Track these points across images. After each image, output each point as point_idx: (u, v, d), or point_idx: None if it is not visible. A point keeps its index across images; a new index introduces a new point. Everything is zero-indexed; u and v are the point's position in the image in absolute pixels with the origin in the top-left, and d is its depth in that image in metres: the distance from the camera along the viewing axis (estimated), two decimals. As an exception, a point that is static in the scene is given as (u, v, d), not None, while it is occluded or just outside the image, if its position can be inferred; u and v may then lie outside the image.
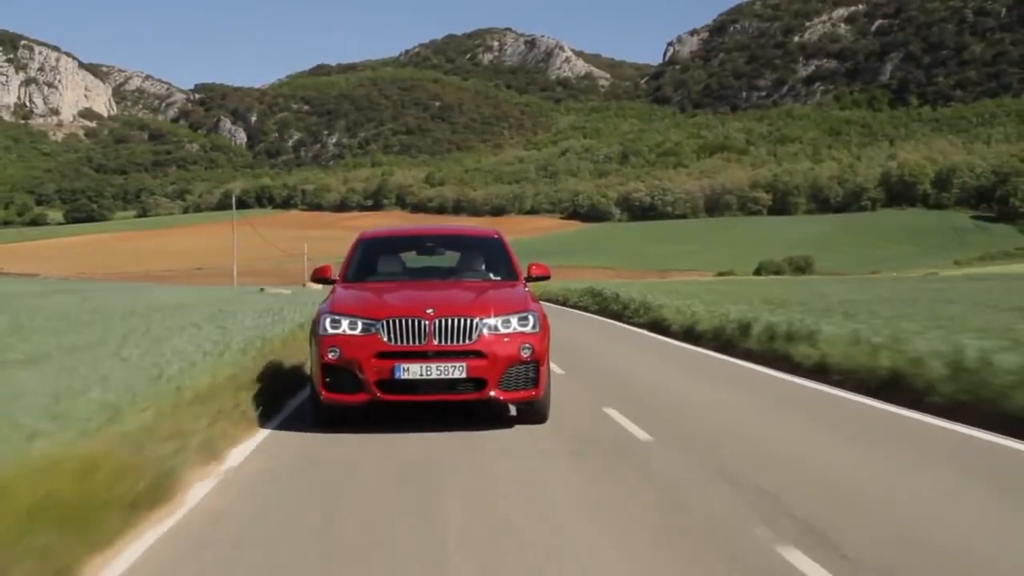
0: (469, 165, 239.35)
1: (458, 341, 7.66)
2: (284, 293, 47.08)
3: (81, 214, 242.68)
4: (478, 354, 7.66)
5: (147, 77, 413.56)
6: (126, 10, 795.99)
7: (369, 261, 9.57)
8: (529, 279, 9.15)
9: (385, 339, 7.61)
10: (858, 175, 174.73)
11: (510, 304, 8.14)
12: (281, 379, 10.02)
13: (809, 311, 18.70)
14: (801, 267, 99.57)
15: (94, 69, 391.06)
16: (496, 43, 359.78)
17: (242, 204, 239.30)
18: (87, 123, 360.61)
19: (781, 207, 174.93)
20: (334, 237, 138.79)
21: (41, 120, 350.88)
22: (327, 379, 7.76)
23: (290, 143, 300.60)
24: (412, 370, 7.58)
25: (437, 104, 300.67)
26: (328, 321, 7.88)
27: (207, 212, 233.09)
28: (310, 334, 8.56)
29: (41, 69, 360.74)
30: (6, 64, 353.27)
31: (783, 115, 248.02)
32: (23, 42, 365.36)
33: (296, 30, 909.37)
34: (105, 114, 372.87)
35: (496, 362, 7.68)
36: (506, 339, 7.78)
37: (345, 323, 7.80)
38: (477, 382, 7.70)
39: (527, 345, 7.82)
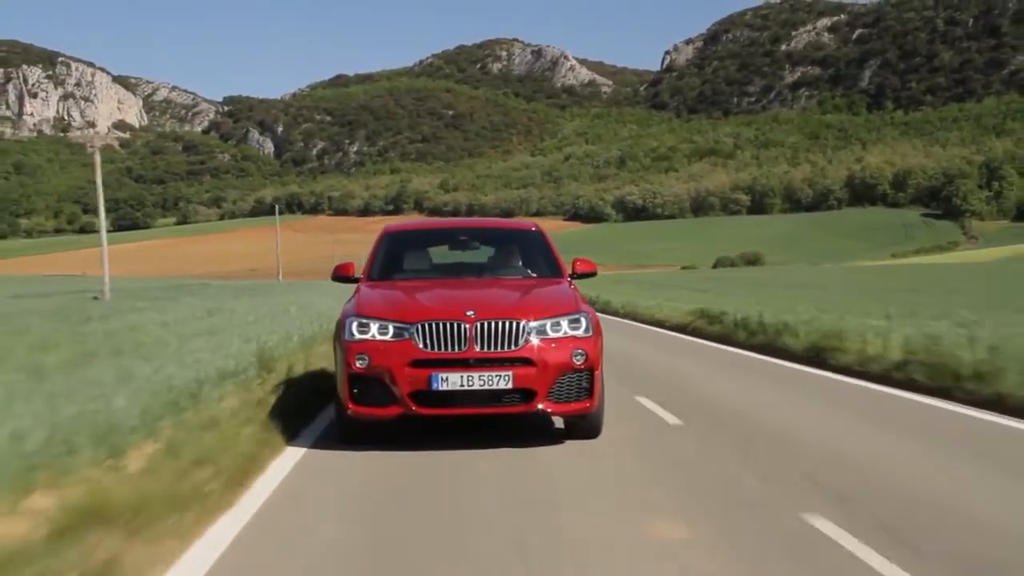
0: (480, 171, 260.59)
1: (503, 347, 6.94)
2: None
3: (126, 221, 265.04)
4: (526, 361, 6.94)
5: (173, 88, 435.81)
6: (153, 22, 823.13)
7: (395, 257, 8.84)
8: (574, 276, 8.41)
9: (420, 345, 6.92)
10: (827, 177, 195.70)
11: (559, 305, 7.41)
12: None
13: (667, 289, 40.73)
14: (752, 261, 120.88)
15: (124, 81, 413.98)
16: (504, 53, 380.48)
17: (273, 210, 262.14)
18: (121, 134, 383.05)
19: (758, 207, 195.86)
20: (361, 240, 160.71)
21: (79, 133, 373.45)
22: (355, 390, 7.07)
23: (314, 152, 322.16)
24: (451, 380, 6.85)
25: (450, 113, 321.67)
26: (355, 325, 7.17)
27: (242, 218, 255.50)
28: (334, 339, 7.87)
29: (78, 84, 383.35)
30: (46, 80, 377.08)
31: (770, 120, 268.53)
32: (60, 59, 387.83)
33: (316, 41, 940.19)
34: (137, 125, 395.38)
35: (546, 370, 6.95)
36: (556, 344, 7.05)
37: (374, 327, 7.09)
38: (524, 393, 6.98)
39: (580, 351, 7.06)
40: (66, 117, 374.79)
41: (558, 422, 7.95)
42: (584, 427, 7.61)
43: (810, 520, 5.05)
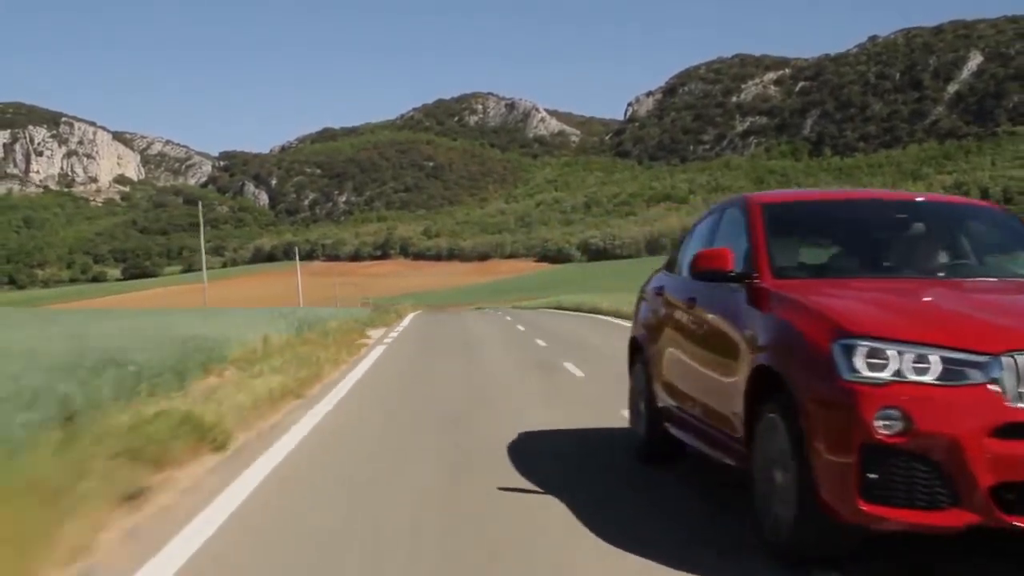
0: (460, 218, 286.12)
1: None
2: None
3: (136, 270, 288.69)
4: None
5: (167, 142, 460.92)
6: (147, 78, 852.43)
7: (791, 245, 5.39)
8: None
9: (1009, 397, 3.57)
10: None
11: None
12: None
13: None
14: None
15: (122, 137, 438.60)
16: (480, 106, 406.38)
17: (271, 257, 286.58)
18: (121, 188, 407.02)
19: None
20: (354, 283, 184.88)
21: (82, 188, 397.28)
22: (869, 474, 3.63)
23: (306, 202, 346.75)
24: None
25: (431, 164, 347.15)
26: (863, 354, 3.73)
27: (243, 265, 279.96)
28: (644, 370, 5.94)
29: (80, 142, 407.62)
30: (50, 139, 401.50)
31: (722, 166, 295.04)
32: (63, 119, 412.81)
33: (303, 96, 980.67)
34: (135, 179, 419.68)
35: None
36: None
37: (904, 359, 3.67)
38: None
39: None
40: (70, 173, 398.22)
41: None
42: None
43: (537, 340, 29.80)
